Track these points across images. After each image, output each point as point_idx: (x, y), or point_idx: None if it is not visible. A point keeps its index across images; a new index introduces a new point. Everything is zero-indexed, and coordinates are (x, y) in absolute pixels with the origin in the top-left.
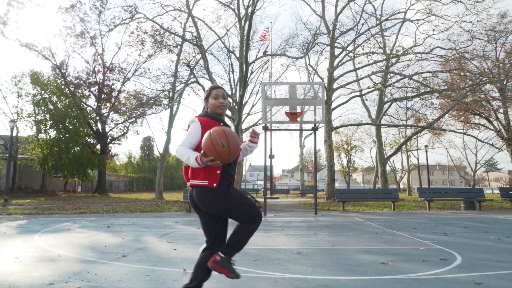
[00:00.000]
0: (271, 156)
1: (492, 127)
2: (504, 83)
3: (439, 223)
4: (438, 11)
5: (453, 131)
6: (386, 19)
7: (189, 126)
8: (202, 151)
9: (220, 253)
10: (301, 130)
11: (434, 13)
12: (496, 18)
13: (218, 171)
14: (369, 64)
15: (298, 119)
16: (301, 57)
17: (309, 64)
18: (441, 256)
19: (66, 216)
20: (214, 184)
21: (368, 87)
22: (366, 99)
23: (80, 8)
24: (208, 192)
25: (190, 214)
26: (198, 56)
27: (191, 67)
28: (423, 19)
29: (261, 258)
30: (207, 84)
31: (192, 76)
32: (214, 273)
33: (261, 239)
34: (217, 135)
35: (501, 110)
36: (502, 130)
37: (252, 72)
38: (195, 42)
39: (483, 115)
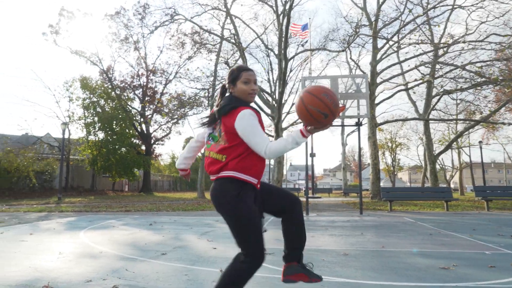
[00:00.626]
0: (312, 155)
1: None
2: None
3: (502, 225)
4: None
5: None
6: (434, 7)
7: (233, 119)
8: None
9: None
10: (344, 126)
11: None
12: None
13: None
14: (415, 56)
15: (341, 114)
16: (342, 51)
17: (350, 58)
18: None
19: (112, 214)
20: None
21: (416, 79)
22: (414, 92)
23: (124, 14)
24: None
25: None
26: (237, 55)
27: (230, 65)
28: (475, 5)
29: (304, 260)
30: None
31: None
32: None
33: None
34: (315, 106)
35: None
36: None
37: (291, 70)
38: (233, 41)
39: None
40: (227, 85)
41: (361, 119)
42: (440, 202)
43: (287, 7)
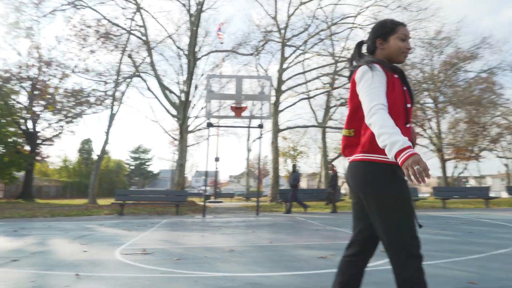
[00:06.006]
0: (217, 159)
1: (426, 135)
2: (439, 91)
3: None
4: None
5: None
6: (335, 23)
7: (354, 84)
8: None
9: None
10: (246, 127)
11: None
12: (433, 33)
13: None
14: (318, 68)
15: (243, 113)
16: (251, 54)
17: (259, 64)
18: (381, 249)
19: None
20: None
21: (316, 88)
22: (314, 98)
23: None
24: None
25: (122, 216)
26: (145, 54)
27: (133, 59)
28: (370, 25)
29: (186, 257)
30: (150, 80)
31: (135, 70)
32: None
33: (191, 239)
34: None
35: (434, 120)
36: (434, 138)
37: (202, 75)
38: (140, 36)
39: (418, 124)
40: (374, 41)
41: (263, 122)
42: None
43: (199, 7)
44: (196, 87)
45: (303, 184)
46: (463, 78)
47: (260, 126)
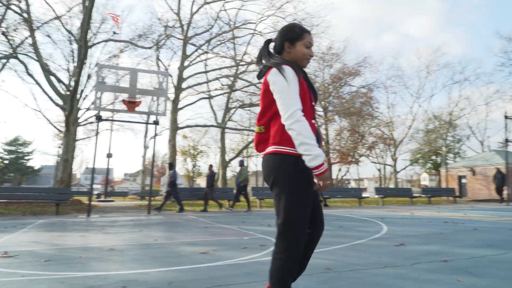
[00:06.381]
0: (109, 155)
1: None
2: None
3: (266, 218)
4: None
5: None
6: (238, 27)
7: (267, 85)
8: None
9: None
10: (141, 123)
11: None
12: (324, 48)
13: None
14: (219, 68)
15: (137, 108)
16: (149, 48)
17: (159, 59)
18: (261, 243)
19: None
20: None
21: (216, 89)
22: (214, 99)
23: None
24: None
25: None
26: (27, 34)
27: (10, 37)
28: (270, 34)
29: (57, 259)
30: (32, 63)
31: (12, 50)
32: None
33: (68, 239)
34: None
35: (323, 127)
36: (323, 144)
37: (97, 64)
38: (21, 13)
39: None
40: (282, 43)
41: (159, 118)
42: (223, 201)
43: None
44: (89, 76)
45: (203, 184)
46: (347, 92)
47: (156, 123)
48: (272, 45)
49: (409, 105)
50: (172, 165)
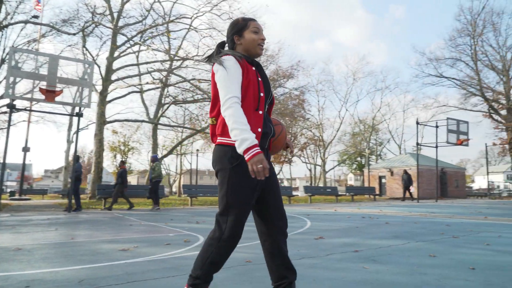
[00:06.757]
0: (26, 149)
1: None
2: None
3: (196, 215)
4: (219, 26)
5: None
6: (172, 21)
7: (213, 74)
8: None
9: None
10: (61, 114)
11: (215, 27)
12: None
13: (260, 129)
14: (152, 62)
15: (57, 98)
16: (74, 34)
17: (84, 47)
18: (186, 239)
19: None
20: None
21: (148, 83)
22: (146, 94)
23: None
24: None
25: None
26: None
27: None
28: (206, 30)
29: None
30: None
31: None
32: None
33: None
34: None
35: None
36: None
37: (13, 47)
38: None
39: None
40: (232, 39)
41: (83, 110)
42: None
43: None
44: (3, 61)
45: (134, 181)
46: (281, 93)
47: (79, 115)
48: (226, 47)
49: (337, 108)
50: (78, 158)
